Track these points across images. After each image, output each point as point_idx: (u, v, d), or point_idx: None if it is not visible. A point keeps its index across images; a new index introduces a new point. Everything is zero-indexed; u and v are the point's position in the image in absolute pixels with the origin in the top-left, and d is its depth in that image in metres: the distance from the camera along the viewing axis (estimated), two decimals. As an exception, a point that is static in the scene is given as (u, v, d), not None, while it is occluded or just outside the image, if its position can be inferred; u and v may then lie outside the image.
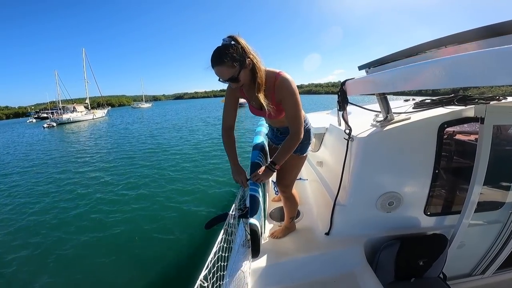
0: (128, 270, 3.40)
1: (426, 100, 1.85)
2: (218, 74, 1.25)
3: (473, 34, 0.87)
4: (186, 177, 6.84)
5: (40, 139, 18.51)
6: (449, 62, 0.80)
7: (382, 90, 1.41)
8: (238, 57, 1.21)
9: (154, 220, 4.60)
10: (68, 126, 28.00)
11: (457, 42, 0.94)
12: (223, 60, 1.20)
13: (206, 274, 0.92)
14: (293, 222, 1.92)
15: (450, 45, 0.99)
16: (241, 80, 1.28)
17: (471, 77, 0.72)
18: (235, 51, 1.21)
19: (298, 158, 1.67)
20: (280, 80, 1.34)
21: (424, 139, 1.61)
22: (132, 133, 17.46)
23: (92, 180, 7.28)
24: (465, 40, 0.91)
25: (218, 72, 1.24)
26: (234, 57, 1.20)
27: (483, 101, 1.54)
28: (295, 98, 1.36)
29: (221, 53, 1.21)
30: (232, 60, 1.20)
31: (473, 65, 0.71)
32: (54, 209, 5.45)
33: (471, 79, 0.72)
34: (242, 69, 1.25)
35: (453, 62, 0.78)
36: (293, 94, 1.35)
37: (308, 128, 1.64)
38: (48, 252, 3.89)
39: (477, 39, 0.85)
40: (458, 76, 0.77)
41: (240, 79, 1.27)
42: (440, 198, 1.77)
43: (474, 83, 0.72)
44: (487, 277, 1.93)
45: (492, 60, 0.65)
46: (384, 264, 1.65)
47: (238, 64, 1.22)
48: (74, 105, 39.57)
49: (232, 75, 1.24)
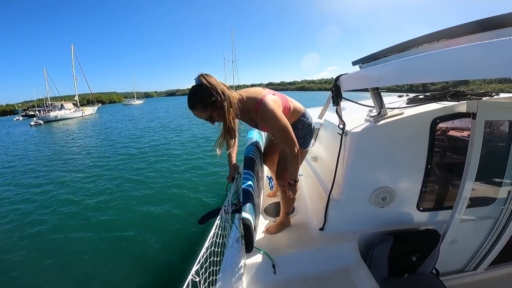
0: (119, 265, 3.39)
1: (419, 95, 1.86)
2: (195, 115, 1.31)
3: (465, 29, 0.87)
4: (178, 172, 6.83)
5: (25, 139, 17.90)
6: (441, 55, 0.80)
7: (375, 84, 1.41)
8: (209, 100, 1.23)
9: (146, 216, 4.60)
10: (56, 124, 27.26)
11: (449, 37, 0.95)
12: (194, 105, 1.26)
13: (198, 269, 0.91)
14: (288, 218, 1.92)
15: (442, 40, 0.99)
16: (216, 119, 1.33)
17: (463, 71, 0.72)
18: (205, 94, 1.23)
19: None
20: (261, 108, 1.36)
21: (417, 134, 1.62)
22: (121, 130, 17.04)
23: (84, 176, 7.14)
24: (457, 34, 0.91)
25: (194, 114, 1.30)
26: (204, 101, 1.24)
27: (476, 96, 1.55)
28: (277, 123, 1.35)
29: (192, 98, 1.25)
30: (203, 104, 1.24)
31: (465, 59, 0.71)
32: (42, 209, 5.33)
33: (463, 73, 0.73)
34: (215, 110, 1.27)
35: (445, 56, 0.78)
36: (275, 119, 1.35)
37: (309, 123, 1.64)
38: (39, 252, 3.81)
39: (469, 33, 0.85)
40: (450, 70, 0.77)
41: (215, 118, 1.32)
42: (433, 194, 1.79)
43: (466, 76, 0.72)
44: (479, 273, 1.95)
45: (484, 53, 0.65)
46: (378, 260, 1.66)
47: (210, 106, 1.25)
48: (62, 102, 38.34)
49: (206, 117, 1.31)
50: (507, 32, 0.72)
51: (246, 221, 1.24)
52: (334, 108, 1.78)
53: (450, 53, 0.76)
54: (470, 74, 0.71)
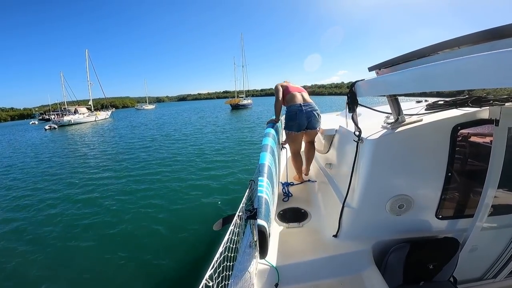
0: (134, 267, 3.43)
1: (439, 101, 1.82)
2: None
3: (488, 35, 0.84)
4: (194, 178, 6.86)
5: (37, 142, 18.51)
6: (462, 63, 0.77)
7: (393, 91, 1.38)
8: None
9: (161, 220, 4.65)
10: (69, 128, 28.03)
11: (471, 43, 0.91)
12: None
13: (212, 274, 0.93)
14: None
15: (464, 46, 0.96)
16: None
17: (485, 79, 0.70)
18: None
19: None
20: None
21: (436, 141, 1.58)
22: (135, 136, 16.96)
23: (101, 178, 7.35)
24: (479, 40, 0.88)
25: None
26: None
27: (498, 102, 1.49)
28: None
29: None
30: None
31: (487, 66, 0.68)
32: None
33: (486, 81, 0.70)
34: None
35: (467, 63, 0.75)
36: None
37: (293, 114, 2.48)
38: (48, 256, 3.90)
39: (492, 39, 0.83)
40: (471, 78, 0.74)
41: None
42: (453, 202, 1.74)
43: (489, 85, 0.70)
44: (499, 281, 1.90)
45: (507, 61, 0.63)
46: (393, 267, 1.62)
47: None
48: (76, 107, 39.21)
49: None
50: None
51: (262, 228, 1.24)
52: (349, 115, 1.77)
53: (472, 60, 0.73)
54: (494, 82, 0.68)
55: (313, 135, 2.67)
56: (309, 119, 2.48)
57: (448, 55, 1.05)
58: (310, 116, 2.48)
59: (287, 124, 2.57)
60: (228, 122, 21.35)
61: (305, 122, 2.48)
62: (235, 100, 43.68)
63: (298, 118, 2.47)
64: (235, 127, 17.86)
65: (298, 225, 2.02)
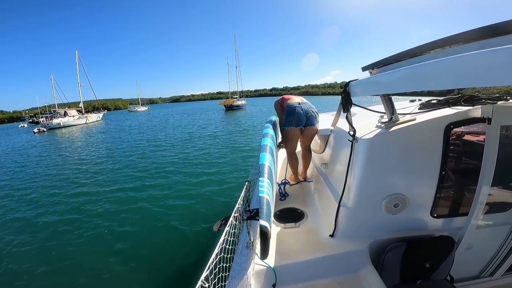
0: (127, 270, 3.41)
1: (432, 100, 1.83)
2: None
3: (478, 33, 0.84)
4: (189, 179, 6.84)
5: (27, 146, 18.15)
6: (453, 61, 0.77)
7: (386, 91, 1.39)
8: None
9: (157, 222, 4.64)
10: (58, 131, 27.33)
11: (462, 42, 0.92)
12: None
13: (208, 275, 0.92)
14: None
15: (455, 45, 0.96)
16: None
17: (476, 77, 0.70)
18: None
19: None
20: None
21: (430, 140, 1.59)
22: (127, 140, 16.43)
23: (98, 180, 7.26)
24: (470, 39, 0.88)
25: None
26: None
27: (490, 101, 1.52)
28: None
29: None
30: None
31: (478, 65, 0.69)
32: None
33: (477, 80, 0.70)
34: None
35: (458, 62, 0.75)
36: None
37: (292, 110, 2.58)
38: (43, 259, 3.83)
39: (482, 38, 0.83)
40: (463, 76, 0.75)
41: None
42: (447, 200, 1.75)
43: (480, 84, 0.70)
44: (495, 279, 1.91)
45: (498, 60, 0.63)
46: (390, 266, 1.63)
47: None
48: (65, 109, 38.11)
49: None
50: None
51: (264, 229, 1.24)
52: (344, 115, 1.77)
53: (463, 59, 0.73)
54: (485, 81, 0.68)
55: (311, 134, 2.67)
56: (308, 115, 2.56)
57: (439, 54, 1.06)
58: (309, 113, 2.57)
59: (285, 120, 2.63)
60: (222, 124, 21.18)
61: (304, 118, 2.55)
62: (229, 101, 43.41)
63: (297, 114, 2.56)
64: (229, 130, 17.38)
65: (294, 225, 2.01)
